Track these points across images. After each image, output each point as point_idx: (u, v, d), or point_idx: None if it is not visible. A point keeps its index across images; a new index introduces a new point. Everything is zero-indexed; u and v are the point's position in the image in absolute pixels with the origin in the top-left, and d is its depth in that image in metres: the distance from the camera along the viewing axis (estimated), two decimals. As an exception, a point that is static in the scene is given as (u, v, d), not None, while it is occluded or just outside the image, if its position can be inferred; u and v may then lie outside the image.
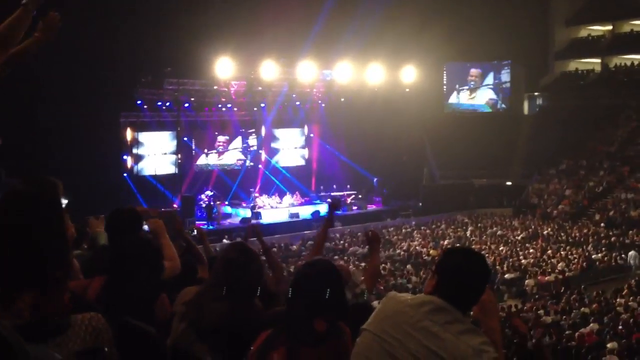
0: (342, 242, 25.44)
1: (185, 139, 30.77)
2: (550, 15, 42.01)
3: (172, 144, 30.21)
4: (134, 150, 29.29)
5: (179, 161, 30.10)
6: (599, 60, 41.29)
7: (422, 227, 29.14)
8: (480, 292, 2.53)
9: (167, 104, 28.71)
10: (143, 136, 29.52)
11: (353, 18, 30.69)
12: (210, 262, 4.12)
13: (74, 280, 3.10)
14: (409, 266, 21.71)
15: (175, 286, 3.34)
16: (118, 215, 3.93)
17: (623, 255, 23.43)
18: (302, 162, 35.68)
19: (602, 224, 28.33)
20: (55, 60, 21.40)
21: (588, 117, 36.60)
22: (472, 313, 2.59)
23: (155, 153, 29.92)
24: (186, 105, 29.31)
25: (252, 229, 5.91)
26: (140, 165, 29.63)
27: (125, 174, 28.55)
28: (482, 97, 42.10)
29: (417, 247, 24.72)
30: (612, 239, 25.71)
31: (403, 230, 28.43)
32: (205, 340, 2.90)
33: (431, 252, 23.86)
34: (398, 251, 24.14)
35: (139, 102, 27.68)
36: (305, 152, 35.87)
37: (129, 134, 28.87)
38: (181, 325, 2.98)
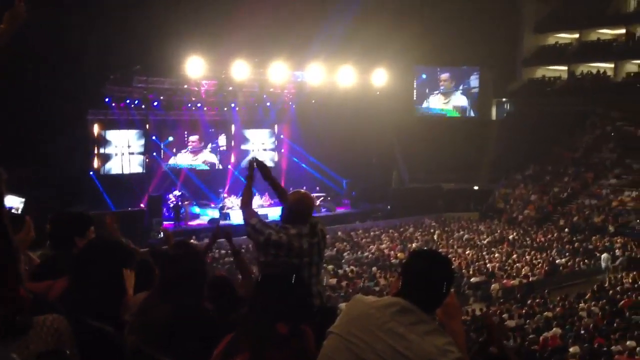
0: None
1: (154, 137, 30.47)
2: (518, 22, 42.67)
3: (140, 143, 29.88)
4: (101, 149, 28.88)
5: (147, 160, 29.80)
6: (565, 68, 42.09)
7: (391, 230, 29.30)
8: (444, 294, 2.56)
9: (136, 102, 28.38)
10: (111, 134, 29.13)
11: (325, 20, 30.76)
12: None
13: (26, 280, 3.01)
14: (374, 268, 21.79)
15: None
16: (62, 219, 3.85)
17: (586, 261, 23.87)
18: (271, 163, 35.59)
19: (566, 230, 28.82)
20: (22, 54, 21.05)
21: (554, 124, 37.23)
22: (436, 317, 2.61)
23: (123, 152, 29.55)
24: (155, 103, 29.02)
25: (221, 229, 5.66)
26: (108, 164, 29.24)
27: (91, 172, 28.13)
28: (455, 102, 42.55)
29: (385, 250, 24.85)
30: (576, 244, 26.16)
31: (371, 233, 28.55)
32: (156, 347, 2.84)
33: (399, 255, 24.00)
34: (366, 254, 24.23)
35: (107, 99, 27.29)
36: (275, 153, 35.81)
37: (96, 132, 28.47)
38: (131, 337, 2.90)
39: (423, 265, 2.57)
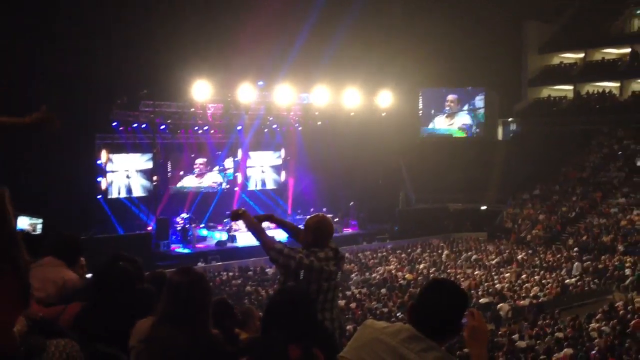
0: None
1: (161, 161, 30.58)
2: (523, 42, 42.86)
3: (148, 166, 29.99)
4: (109, 172, 29.00)
5: (154, 183, 29.88)
6: (571, 87, 42.13)
7: (398, 251, 29.19)
8: (455, 324, 2.56)
9: (143, 125, 28.55)
10: (118, 158, 29.26)
11: (330, 42, 30.97)
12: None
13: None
14: (383, 290, 21.69)
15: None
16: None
17: (596, 281, 23.69)
18: (278, 185, 35.65)
19: (575, 249, 28.63)
20: (32, 78, 21.29)
21: (561, 143, 37.19)
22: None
23: (130, 175, 29.66)
24: (162, 127, 29.19)
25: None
26: (115, 187, 29.34)
27: (99, 196, 28.22)
28: (460, 122, 42.62)
29: (392, 271, 24.73)
30: (585, 264, 25.97)
31: (379, 254, 28.45)
32: None
33: (407, 276, 23.88)
34: (374, 275, 24.13)
35: (114, 123, 27.48)
36: (282, 175, 35.87)
37: (103, 156, 28.60)
38: None
39: (435, 295, 2.58)
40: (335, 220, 32.71)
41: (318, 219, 4.40)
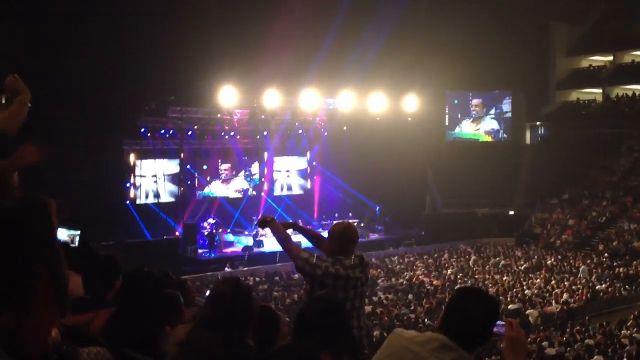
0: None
1: (188, 166, 30.83)
2: (551, 45, 42.39)
3: (175, 172, 30.25)
4: (137, 178, 29.31)
5: (182, 189, 30.13)
6: (600, 91, 41.56)
7: (425, 256, 29.01)
8: (486, 333, 2.54)
9: (171, 131, 28.85)
10: (146, 164, 29.56)
11: (355, 47, 30.98)
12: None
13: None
14: (410, 296, 21.57)
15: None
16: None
17: (627, 287, 23.31)
18: (304, 190, 35.71)
19: (605, 255, 28.20)
20: (61, 87, 21.59)
21: (590, 147, 36.69)
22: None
23: (158, 181, 29.95)
24: (189, 133, 29.45)
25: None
26: (143, 192, 29.64)
27: (127, 202, 28.53)
28: (486, 127, 42.25)
29: (420, 277, 24.59)
30: (616, 269, 25.56)
31: (405, 260, 28.30)
32: None
33: (434, 282, 23.72)
34: (400, 280, 24.01)
35: (142, 129, 27.80)
36: (308, 180, 35.92)
37: (132, 162, 28.93)
38: None
39: (466, 303, 2.56)
40: (360, 225, 32.71)
41: (344, 227, 4.39)
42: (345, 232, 4.32)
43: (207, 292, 3.28)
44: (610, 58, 41.86)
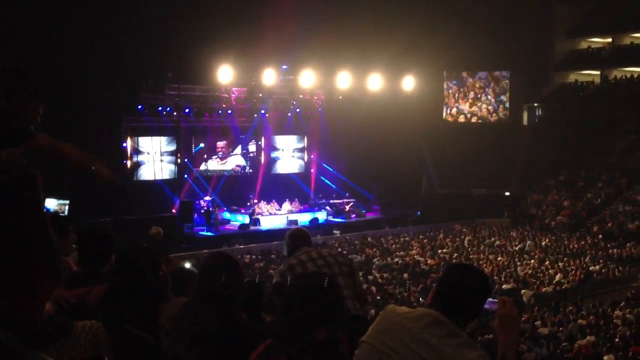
0: (340, 249, 25.40)
1: (185, 144, 30.76)
2: (550, 26, 42.09)
3: (172, 149, 30.19)
4: (134, 155, 29.25)
5: (178, 166, 30.09)
6: (598, 72, 41.43)
7: (421, 236, 29.12)
8: (477, 308, 2.57)
9: (168, 109, 28.73)
10: (143, 141, 29.50)
11: (354, 27, 30.76)
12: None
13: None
14: (405, 275, 21.69)
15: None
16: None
17: (620, 268, 23.45)
18: (301, 170, 35.71)
19: (600, 236, 28.33)
20: (58, 63, 21.45)
21: (587, 129, 36.64)
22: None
23: (155, 158, 29.89)
24: (187, 110, 29.34)
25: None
26: (140, 170, 29.60)
27: (124, 179, 28.46)
28: (484, 107, 42.15)
29: (415, 256, 24.70)
30: (610, 251, 25.70)
31: (401, 239, 28.41)
32: (194, 353, 2.88)
33: (429, 261, 23.84)
34: (396, 260, 24.13)
35: (140, 106, 27.68)
36: (305, 159, 35.90)
37: (129, 139, 28.85)
38: (167, 341, 2.96)
39: (457, 278, 2.58)
40: (357, 204, 32.80)
41: (291, 230, 4.76)
42: (293, 232, 4.67)
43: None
44: (610, 40, 41.68)
